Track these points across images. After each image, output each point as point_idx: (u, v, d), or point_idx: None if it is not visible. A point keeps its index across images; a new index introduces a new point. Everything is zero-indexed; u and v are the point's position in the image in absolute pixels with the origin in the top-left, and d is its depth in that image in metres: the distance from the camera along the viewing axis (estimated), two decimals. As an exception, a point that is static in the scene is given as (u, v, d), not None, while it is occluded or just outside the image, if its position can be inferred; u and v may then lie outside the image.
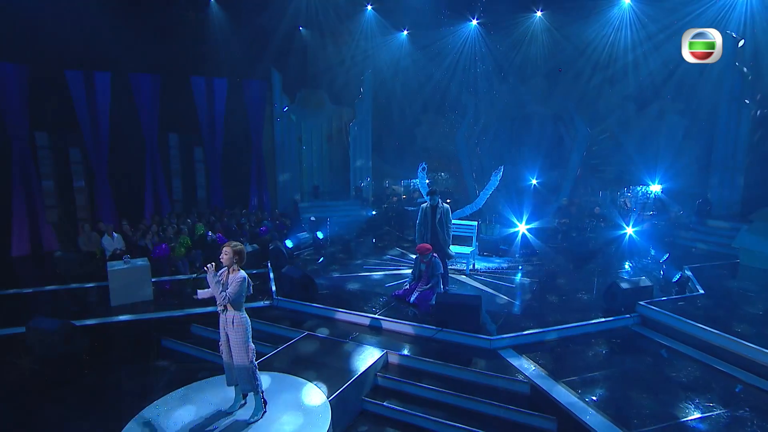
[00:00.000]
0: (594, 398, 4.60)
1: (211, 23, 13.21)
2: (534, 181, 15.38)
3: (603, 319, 6.33)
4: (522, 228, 10.91)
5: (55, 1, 10.31)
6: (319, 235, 10.88)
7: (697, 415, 4.34)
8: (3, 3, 9.64)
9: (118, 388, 5.27)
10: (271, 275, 8.32)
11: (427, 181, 10.45)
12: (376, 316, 6.48)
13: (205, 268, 4.11)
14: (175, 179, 13.46)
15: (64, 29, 10.46)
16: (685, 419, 4.27)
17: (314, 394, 4.56)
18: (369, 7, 15.47)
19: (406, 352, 5.64)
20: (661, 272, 8.06)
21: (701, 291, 7.08)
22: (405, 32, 16.21)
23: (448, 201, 12.40)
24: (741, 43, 11.27)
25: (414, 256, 7.99)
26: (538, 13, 15.25)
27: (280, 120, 14.84)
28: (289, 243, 9.91)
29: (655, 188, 13.64)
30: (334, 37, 15.39)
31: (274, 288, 7.67)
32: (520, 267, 9.19)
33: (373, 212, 13.90)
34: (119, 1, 11.16)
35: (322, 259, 10.04)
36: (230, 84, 13.48)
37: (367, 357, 5.43)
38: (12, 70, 10.72)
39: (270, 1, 13.39)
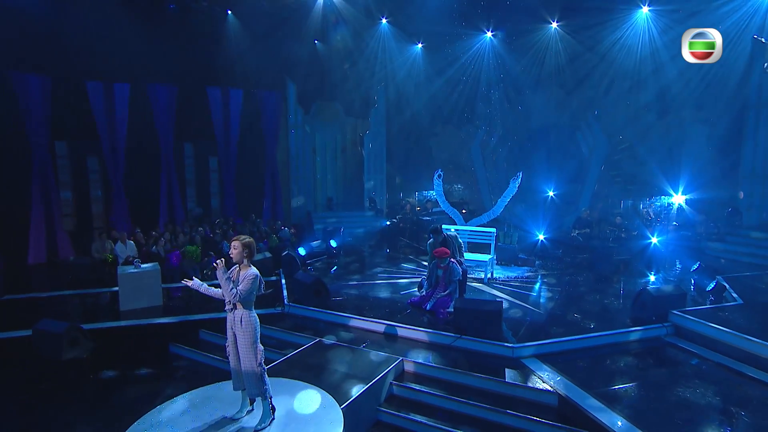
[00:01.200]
0: (629, 412, 4.21)
1: (227, 35, 13.41)
2: (551, 193, 15.03)
3: (634, 329, 5.93)
4: (541, 237, 10.54)
5: (78, 16, 10.58)
6: (333, 243, 10.69)
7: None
8: (28, 18, 9.90)
9: (123, 393, 5.06)
10: (283, 282, 8.13)
11: (443, 187, 10.22)
12: (391, 322, 6.19)
13: (215, 264, 3.92)
14: (189, 188, 13.49)
15: (86, 42, 10.71)
16: (731, 435, 3.87)
17: (326, 402, 4.28)
18: (384, 21, 15.57)
19: (422, 360, 5.33)
20: (692, 282, 7.62)
21: (739, 300, 6.62)
22: (419, 45, 16.24)
23: (464, 210, 12.15)
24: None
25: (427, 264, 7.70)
26: (554, 24, 15.14)
27: (294, 131, 14.88)
28: (301, 251, 9.73)
29: (679, 198, 13.17)
30: (349, 50, 15.49)
31: (285, 294, 7.46)
32: (540, 276, 8.82)
33: (387, 222, 13.67)
34: (139, 14, 11.40)
35: (335, 268, 9.82)
36: (246, 94, 13.59)
37: (381, 364, 5.13)
38: (36, 82, 10.95)
39: (286, 15, 13.56)
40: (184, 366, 5.72)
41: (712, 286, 6.88)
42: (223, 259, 3.92)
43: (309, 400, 4.33)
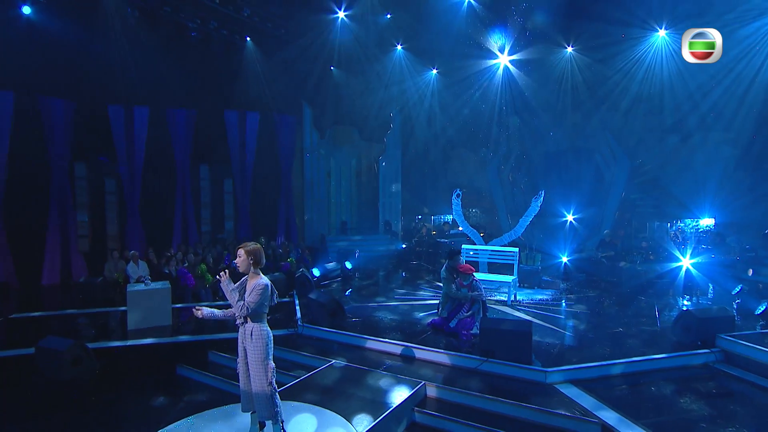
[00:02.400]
0: (685, 445, 3.72)
1: (246, 61, 13.67)
2: (570, 218, 14.59)
3: (678, 353, 5.41)
4: (565, 259, 10.08)
5: (103, 43, 10.93)
6: (348, 265, 10.38)
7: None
8: (55, 45, 10.23)
9: (125, 417, 4.72)
10: (297, 303, 7.81)
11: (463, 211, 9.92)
12: (411, 344, 5.79)
13: (217, 276, 3.65)
14: (204, 210, 13.45)
15: (109, 68, 11.07)
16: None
17: (342, 429, 3.88)
18: (399, 47, 15.79)
19: (446, 384, 4.89)
20: (735, 305, 7.06)
21: (791, 325, 6.07)
22: (434, 71, 16.36)
23: (482, 233, 11.78)
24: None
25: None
26: (569, 49, 15.13)
27: (310, 156, 14.89)
28: (316, 272, 9.43)
29: (707, 222, 12.61)
30: (365, 76, 15.67)
31: (299, 315, 7.12)
32: (566, 299, 8.32)
33: (403, 245, 13.34)
34: (161, 41, 11.72)
35: (350, 290, 9.46)
36: (262, 118, 13.71)
37: (402, 389, 4.72)
38: (60, 105, 11.18)
39: (303, 42, 13.84)
40: (192, 389, 5.37)
41: (762, 309, 6.33)
42: (226, 270, 3.67)
43: (324, 425, 3.95)
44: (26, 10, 9.96)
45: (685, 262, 9.88)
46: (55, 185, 11.20)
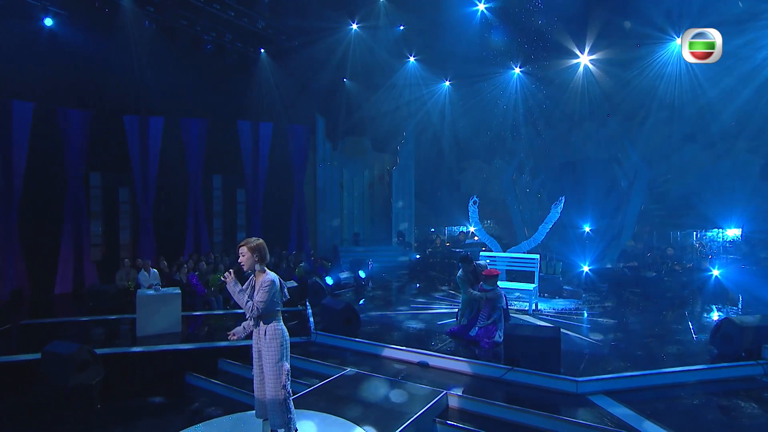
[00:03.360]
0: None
1: (259, 72, 13.76)
2: (587, 229, 14.18)
3: (722, 365, 5.01)
4: (586, 269, 9.71)
5: (120, 55, 11.07)
6: (361, 274, 10.12)
7: None
8: (73, 56, 10.39)
9: (131, 426, 4.49)
10: (310, 311, 7.56)
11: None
12: (430, 352, 5.48)
13: (222, 277, 3.43)
14: (216, 220, 13.38)
15: (125, 79, 11.16)
16: None
17: (360, 438, 3.60)
18: (412, 59, 15.79)
19: (468, 394, 4.57)
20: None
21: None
22: (447, 82, 16.30)
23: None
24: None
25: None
26: (584, 57, 14.94)
27: (322, 166, 14.82)
28: (329, 280, 9.20)
29: (734, 232, 12.12)
30: (378, 87, 15.66)
31: (312, 322, 6.87)
32: (590, 308, 7.94)
33: (417, 256, 13.05)
34: (176, 53, 11.85)
35: (363, 300, 9.18)
36: (275, 128, 13.70)
37: (422, 399, 4.42)
38: (77, 116, 11.31)
39: (317, 54, 13.89)
40: (201, 397, 5.13)
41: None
42: (231, 270, 3.43)
43: (341, 435, 3.67)
44: (48, 22, 10.15)
45: (715, 271, 9.44)
46: (71, 195, 11.23)
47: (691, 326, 6.58)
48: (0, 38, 9.32)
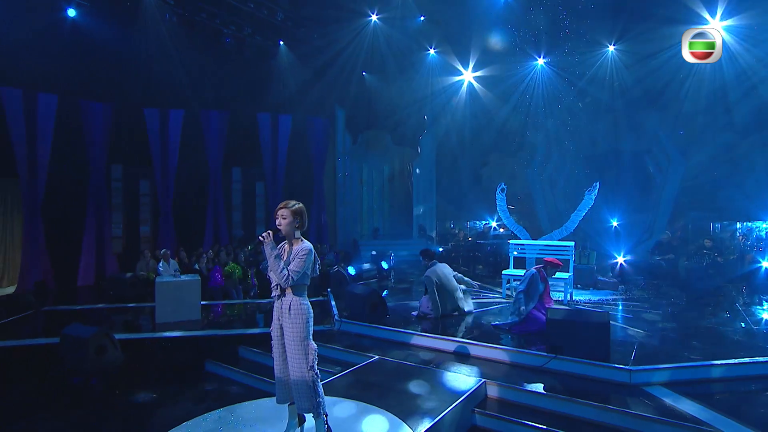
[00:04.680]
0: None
1: (279, 64, 13.60)
2: (615, 224, 13.55)
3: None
4: (621, 260, 9.19)
5: (141, 48, 11.03)
6: (384, 265, 9.81)
7: None
8: (96, 48, 10.38)
9: (148, 412, 4.26)
10: (333, 302, 7.28)
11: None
12: (465, 340, 5.12)
13: (261, 237, 3.09)
14: (235, 213, 13.26)
15: (146, 72, 11.12)
16: None
17: (395, 428, 3.27)
18: (432, 51, 15.43)
19: (508, 383, 4.20)
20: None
21: None
22: (469, 73, 15.88)
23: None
24: None
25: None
26: (611, 48, 14.31)
27: (342, 159, 14.59)
28: (351, 270, 8.91)
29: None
30: (398, 81, 15.35)
31: (336, 311, 6.58)
32: (628, 299, 7.45)
33: (440, 249, 12.65)
34: (196, 46, 11.77)
35: (386, 291, 8.86)
36: (294, 120, 13.52)
37: (459, 387, 4.07)
38: (99, 109, 11.32)
39: (336, 46, 13.67)
40: (221, 385, 4.89)
41: None
42: (270, 232, 3.10)
43: (376, 424, 3.34)
44: (71, 12, 10.16)
45: (765, 263, 8.79)
46: (93, 187, 11.23)
47: (745, 316, 6.05)
48: (24, 29, 9.33)
